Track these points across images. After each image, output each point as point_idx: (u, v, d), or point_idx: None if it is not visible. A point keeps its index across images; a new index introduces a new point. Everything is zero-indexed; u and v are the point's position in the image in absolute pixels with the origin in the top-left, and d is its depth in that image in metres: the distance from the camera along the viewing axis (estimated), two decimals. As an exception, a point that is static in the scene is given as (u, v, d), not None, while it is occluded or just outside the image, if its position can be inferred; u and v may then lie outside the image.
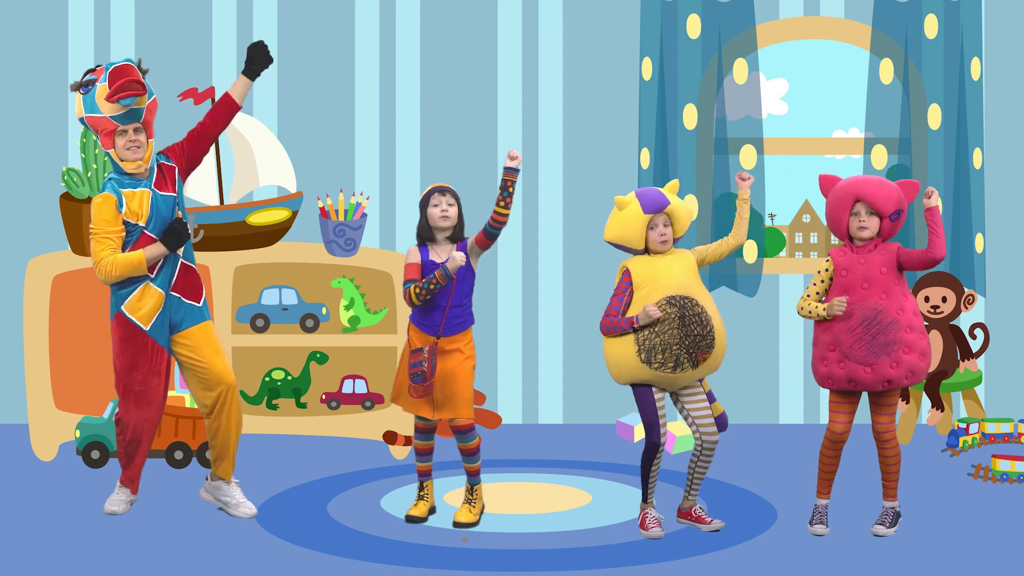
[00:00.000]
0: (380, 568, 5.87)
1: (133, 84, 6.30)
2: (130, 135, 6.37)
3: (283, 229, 7.76)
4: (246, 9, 8.24)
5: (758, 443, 7.90)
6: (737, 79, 8.21)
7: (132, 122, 6.37)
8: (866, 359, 6.18)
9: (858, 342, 6.18)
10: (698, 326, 6.16)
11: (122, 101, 6.31)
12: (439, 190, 6.47)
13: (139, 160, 6.39)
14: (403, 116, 8.28)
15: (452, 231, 6.46)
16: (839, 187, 6.30)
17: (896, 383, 6.21)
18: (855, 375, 6.19)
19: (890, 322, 6.18)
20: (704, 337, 6.17)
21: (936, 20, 8.12)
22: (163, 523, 6.44)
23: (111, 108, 6.33)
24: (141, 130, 6.39)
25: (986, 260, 8.32)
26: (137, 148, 6.38)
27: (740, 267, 8.27)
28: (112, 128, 6.36)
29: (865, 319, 6.18)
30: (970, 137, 8.18)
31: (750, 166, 8.22)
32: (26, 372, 7.48)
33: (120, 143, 6.38)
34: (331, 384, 7.92)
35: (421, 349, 6.39)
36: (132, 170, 6.39)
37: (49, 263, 7.54)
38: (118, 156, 6.39)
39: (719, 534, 6.31)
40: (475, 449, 6.51)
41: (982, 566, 5.90)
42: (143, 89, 6.34)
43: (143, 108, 6.39)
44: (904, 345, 6.19)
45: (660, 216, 6.26)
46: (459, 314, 6.44)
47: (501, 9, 8.28)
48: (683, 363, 6.17)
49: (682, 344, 6.16)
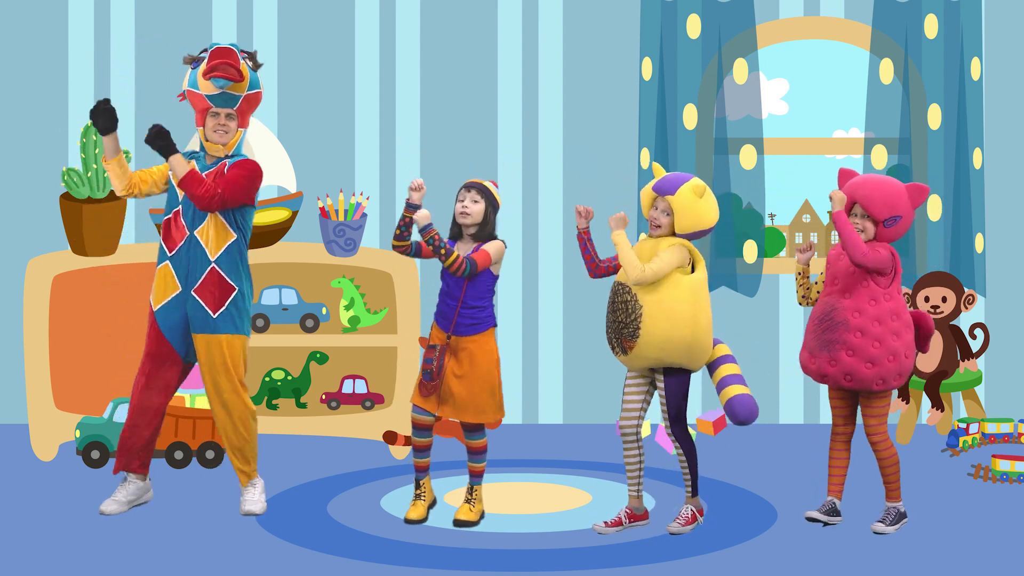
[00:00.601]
0: (380, 568, 5.87)
1: (228, 67, 6.41)
2: (221, 118, 6.50)
3: (283, 229, 7.75)
4: (246, 9, 8.24)
5: (758, 443, 7.90)
6: (737, 79, 8.21)
7: (225, 107, 6.48)
8: (813, 350, 6.31)
9: (811, 333, 6.32)
10: (622, 313, 6.23)
11: (215, 81, 6.41)
12: (465, 186, 6.45)
13: (222, 145, 6.52)
14: (403, 116, 8.29)
15: (476, 229, 6.42)
16: (846, 185, 6.32)
17: (831, 381, 6.30)
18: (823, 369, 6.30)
19: (840, 321, 6.23)
20: (627, 325, 6.21)
21: (936, 20, 8.12)
22: (163, 523, 6.43)
23: (207, 87, 6.44)
24: (233, 116, 6.51)
25: (986, 260, 8.32)
26: (224, 133, 6.51)
27: (740, 267, 8.28)
28: (206, 107, 6.49)
29: (821, 313, 6.30)
30: (970, 137, 8.18)
31: (750, 166, 8.22)
32: (26, 372, 7.48)
33: (210, 124, 6.51)
34: (331, 384, 7.92)
35: (435, 347, 6.40)
36: (212, 152, 6.52)
37: (49, 263, 7.54)
38: (204, 135, 6.52)
39: (718, 534, 6.31)
40: (481, 449, 6.50)
41: (982, 566, 5.90)
42: (239, 76, 6.43)
43: (240, 96, 6.47)
44: (847, 347, 6.21)
45: (661, 201, 6.27)
46: (474, 314, 6.41)
47: (501, 9, 8.28)
48: (615, 347, 6.29)
49: (611, 328, 6.28)
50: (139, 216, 8.19)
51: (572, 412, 8.38)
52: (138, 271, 7.57)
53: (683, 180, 6.24)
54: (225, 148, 6.52)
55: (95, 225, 7.54)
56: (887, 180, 6.29)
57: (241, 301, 6.55)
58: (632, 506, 6.43)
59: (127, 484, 6.63)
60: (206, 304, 6.50)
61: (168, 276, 6.52)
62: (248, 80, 6.49)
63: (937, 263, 8.18)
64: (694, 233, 6.25)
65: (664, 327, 6.18)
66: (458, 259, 6.28)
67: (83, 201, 7.55)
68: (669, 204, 6.24)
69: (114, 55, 8.17)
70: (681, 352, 6.22)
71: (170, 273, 6.52)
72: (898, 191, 6.24)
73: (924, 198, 6.27)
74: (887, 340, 6.20)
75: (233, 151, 6.55)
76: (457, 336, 6.40)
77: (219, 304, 6.52)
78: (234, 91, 6.47)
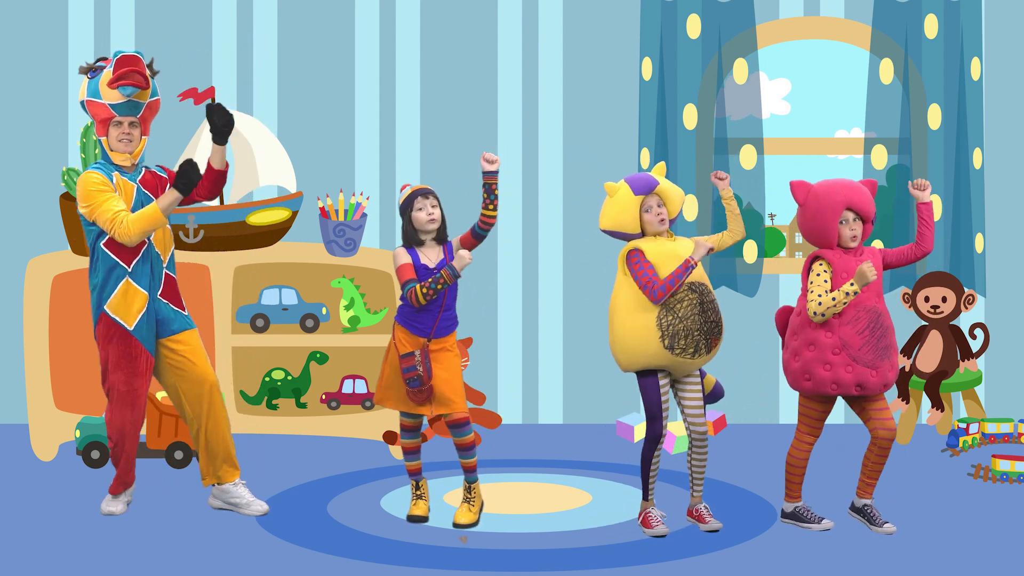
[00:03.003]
0: (380, 568, 5.87)
1: (136, 75, 6.33)
2: (125, 127, 6.41)
3: (283, 229, 7.76)
4: (246, 9, 8.24)
5: (758, 443, 7.90)
6: (737, 79, 8.21)
7: (129, 115, 6.40)
8: (873, 362, 6.16)
9: (866, 345, 6.14)
10: (713, 313, 6.23)
11: (122, 89, 6.34)
12: (422, 193, 6.44)
13: (128, 154, 6.43)
14: (403, 116, 8.29)
15: (437, 232, 6.47)
16: (822, 196, 6.17)
17: (889, 386, 6.23)
18: (863, 379, 6.15)
19: (889, 325, 6.19)
20: (718, 323, 6.25)
21: (936, 20, 8.12)
22: (163, 523, 6.43)
23: (112, 96, 6.37)
24: (137, 124, 6.43)
25: (986, 260, 8.32)
26: (129, 142, 6.43)
27: (740, 267, 8.28)
28: (109, 116, 6.40)
29: (871, 322, 6.16)
30: (970, 137, 8.18)
31: (750, 166, 8.22)
32: (26, 372, 7.48)
33: (113, 133, 6.42)
34: (331, 384, 7.92)
35: (412, 353, 6.38)
36: (119, 162, 6.43)
37: (49, 263, 7.54)
38: (108, 146, 6.43)
39: (719, 534, 6.31)
40: (471, 444, 6.50)
41: (982, 566, 5.90)
42: (146, 83, 6.37)
43: (143, 104, 6.41)
44: (895, 349, 6.22)
45: (652, 197, 6.26)
46: (449, 316, 6.46)
47: (501, 9, 8.28)
48: (701, 349, 6.22)
49: (702, 330, 6.21)
50: (139, 216, 8.19)
51: (572, 412, 8.38)
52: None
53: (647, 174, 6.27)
54: (132, 157, 6.44)
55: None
56: (852, 181, 6.23)
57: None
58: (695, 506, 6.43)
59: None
60: (176, 306, 6.54)
61: (130, 291, 6.42)
62: (151, 87, 6.47)
63: (937, 263, 8.18)
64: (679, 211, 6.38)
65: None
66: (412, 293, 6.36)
67: (83, 201, 7.55)
68: (659, 196, 6.27)
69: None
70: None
71: (132, 287, 6.44)
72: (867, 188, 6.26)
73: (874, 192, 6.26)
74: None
75: (139, 160, 6.49)
76: (435, 338, 6.44)
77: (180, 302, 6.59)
78: (138, 99, 6.41)
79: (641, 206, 6.24)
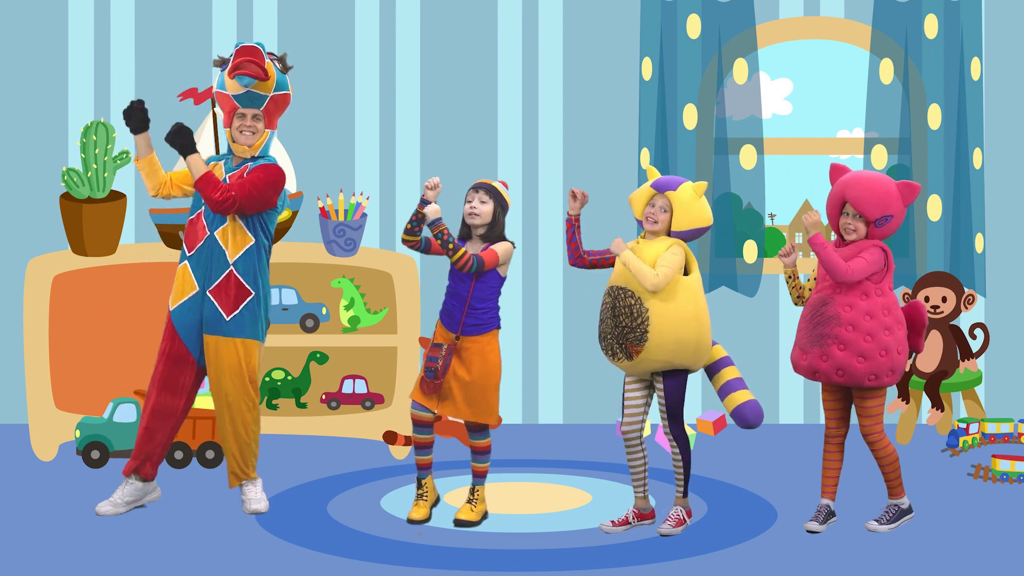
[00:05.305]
0: (380, 568, 5.87)
1: (252, 65, 6.35)
2: (248, 120, 6.47)
3: (283, 229, 7.75)
4: (246, 9, 8.24)
5: (758, 443, 7.90)
6: (737, 79, 8.21)
7: (252, 107, 6.44)
8: (804, 346, 6.26)
9: (802, 330, 6.28)
10: (627, 318, 6.18)
11: (239, 79, 6.37)
12: (474, 186, 6.43)
13: (247, 146, 6.48)
14: (403, 116, 8.29)
15: (484, 230, 6.41)
16: (836, 183, 6.29)
17: (823, 377, 6.26)
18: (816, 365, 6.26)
19: (831, 315, 6.20)
20: (633, 329, 6.17)
21: (936, 20, 8.12)
22: (163, 523, 6.43)
23: (232, 86, 6.40)
24: (260, 117, 6.48)
25: (986, 260, 8.32)
26: (251, 134, 6.48)
27: (740, 267, 8.28)
28: (232, 108, 6.46)
29: (813, 307, 6.25)
30: (970, 137, 8.18)
31: (750, 166, 8.22)
32: (26, 372, 7.48)
33: (236, 124, 6.48)
34: (331, 384, 7.92)
35: (440, 345, 6.39)
36: (238, 152, 6.50)
37: (49, 263, 7.54)
38: (230, 137, 6.49)
39: (719, 534, 6.31)
40: (484, 449, 6.50)
41: (982, 566, 5.90)
42: (264, 75, 6.38)
43: (266, 97, 6.43)
44: (838, 341, 6.19)
45: (660, 198, 6.26)
46: (478, 315, 6.39)
47: (501, 9, 8.28)
48: (617, 353, 6.22)
49: (613, 334, 6.22)
50: (139, 216, 8.19)
51: (572, 412, 8.38)
52: (138, 271, 7.58)
53: (683, 179, 6.27)
54: (251, 149, 6.48)
55: (95, 225, 7.53)
56: (878, 178, 6.24)
57: (256, 306, 6.53)
58: (639, 506, 6.43)
59: (126, 485, 6.62)
60: (221, 306, 6.49)
61: (187, 276, 6.51)
62: (275, 80, 6.45)
63: (937, 263, 8.17)
64: (689, 232, 6.24)
65: (672, 330, 6.18)
66: (465, 255, 6.28)
67: (83, 201, 7.55)
68: (669, 200, 6.24)
69: (114, 55, 8.17)
70: (689, 354, 6.23)
71: (188, 273, 6.51)
72: (890, 190, 6.21)
73: (915, 196, 6.24)
74: (879, 335, 6.19)
75: (259, 153, 6.52)
76: (463, 336, 6.40)
77: (234, 307, 6.50)
78: (259, 90, 6.42)
79: (648, 199, 6.27)
